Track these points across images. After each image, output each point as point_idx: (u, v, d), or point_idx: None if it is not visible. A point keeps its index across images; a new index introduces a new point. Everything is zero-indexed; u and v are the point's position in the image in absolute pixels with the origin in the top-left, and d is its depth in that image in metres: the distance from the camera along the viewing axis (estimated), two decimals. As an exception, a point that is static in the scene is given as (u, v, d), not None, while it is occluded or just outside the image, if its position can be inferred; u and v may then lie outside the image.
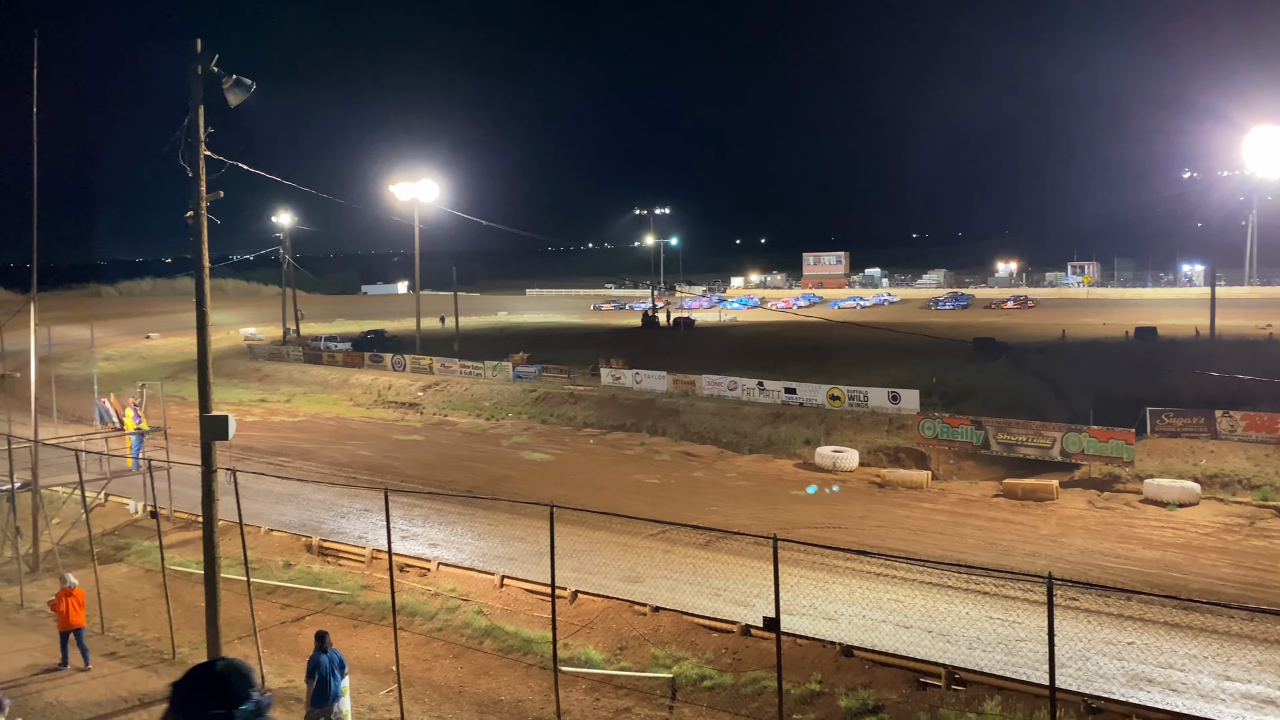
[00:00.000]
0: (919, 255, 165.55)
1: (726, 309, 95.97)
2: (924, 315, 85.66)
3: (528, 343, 58.44)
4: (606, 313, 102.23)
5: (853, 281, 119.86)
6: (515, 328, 79.51)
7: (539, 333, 72.35)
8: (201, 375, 15.66)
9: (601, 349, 52.80)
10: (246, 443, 31.79)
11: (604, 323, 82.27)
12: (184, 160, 14.58)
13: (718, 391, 39.38)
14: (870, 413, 34.27)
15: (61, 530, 22.47)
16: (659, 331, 71.88)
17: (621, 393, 41.61)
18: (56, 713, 14.25)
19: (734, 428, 35.62)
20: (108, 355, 59.96)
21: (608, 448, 35.41)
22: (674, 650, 15.89)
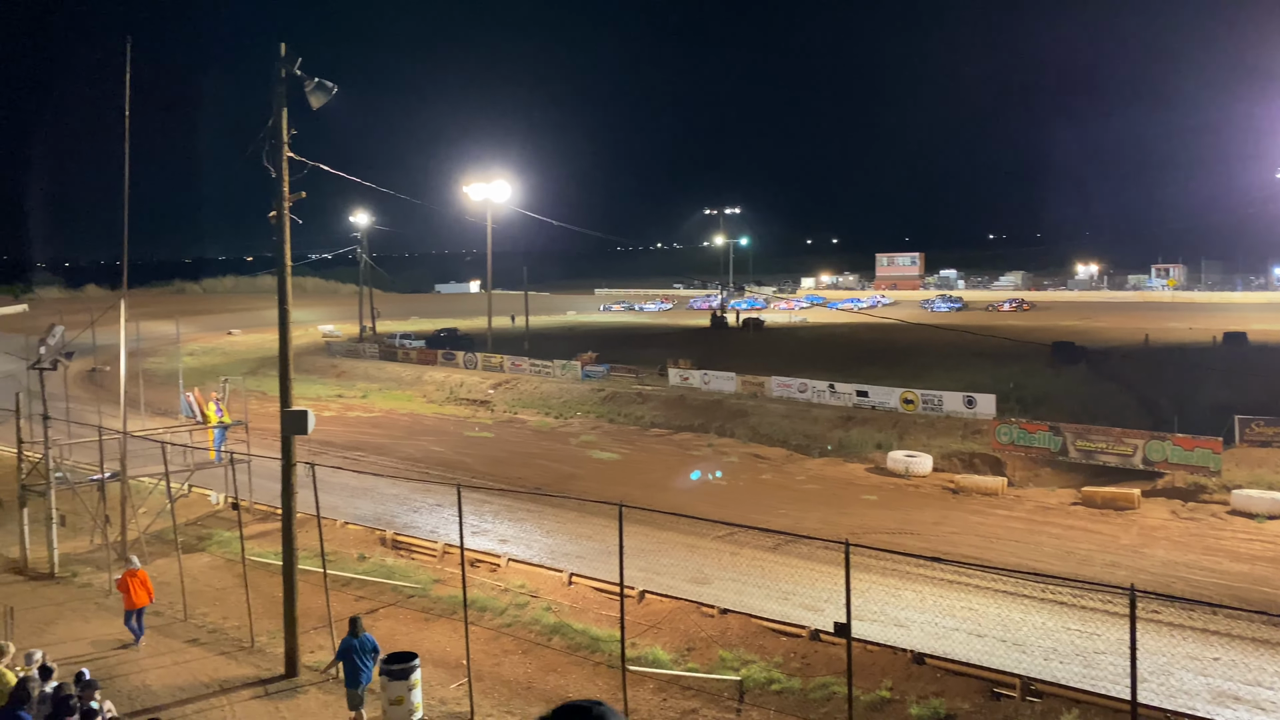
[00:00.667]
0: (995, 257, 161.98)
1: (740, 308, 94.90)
2: (919, 316, 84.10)
3: (596, 342, 58.71)
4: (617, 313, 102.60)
5: (927, 283, 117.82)
6: (584, 327, 80.00)
7: (607, 332, 72.60)
8: (283, 371, 16.08)
9: (669, 349, 52.84)
10: (324, 437, 32.55)
11: (672, 323, 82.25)
12: (268, 161, 15.00)
13: (787, 393, 39.09)
14: (944, 417, 33.69)
15: (147, 519, 23.28)
16: (727, 332, 71.58)
17: (689, 393, 41.56)
18: (143, 696, 14.74)
19: (804, 430, 35.32)
20: (192, 350, 61.89)
21: (675, 448, 35.39)
22: (742, 653, 15.83)
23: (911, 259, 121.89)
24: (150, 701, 14.40)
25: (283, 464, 15.94)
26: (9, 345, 41.18)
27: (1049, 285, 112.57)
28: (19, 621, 17.01)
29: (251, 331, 73.36)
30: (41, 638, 16.45)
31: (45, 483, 21.55)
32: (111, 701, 11.99)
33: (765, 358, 49.51)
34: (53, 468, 21.84)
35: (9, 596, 18.58)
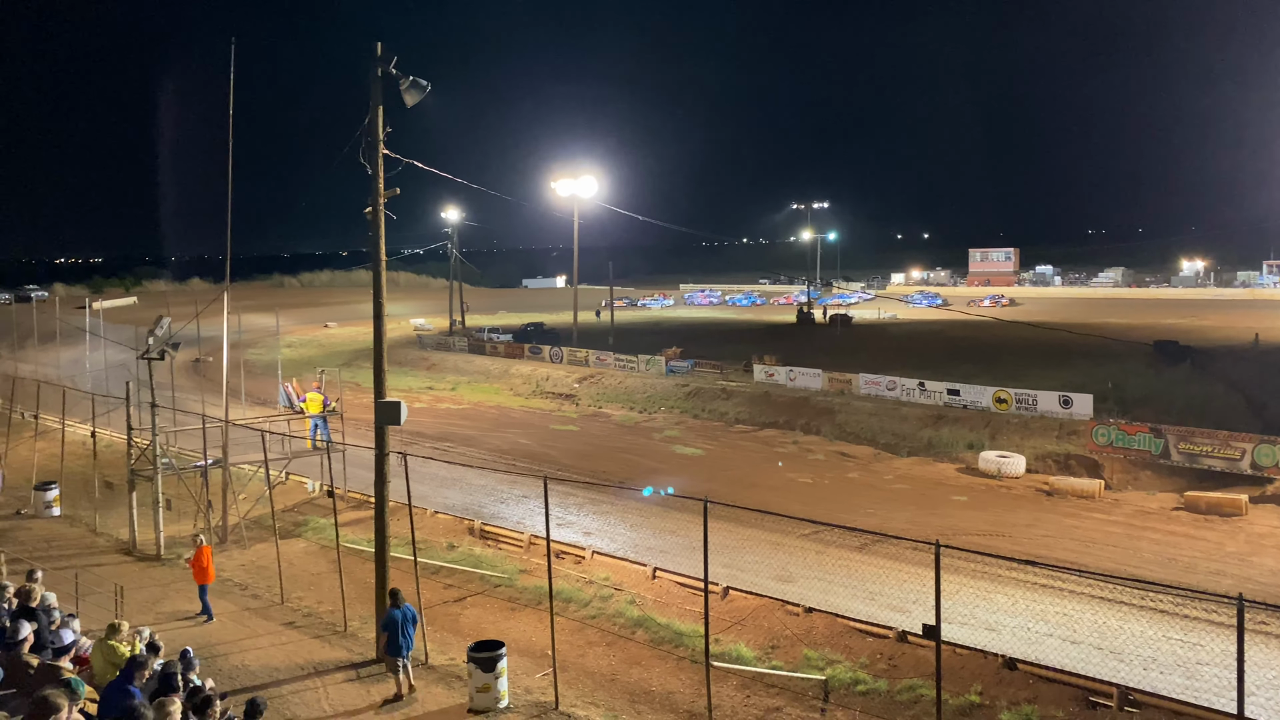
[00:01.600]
0: (1095, 252, 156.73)
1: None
2: (902, 311, 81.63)
3: (681, 337, 58.72)
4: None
5: (1022, 279, 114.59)
6: (669, 322, 80.00)
7: (692, 327, 72.55)
8: (377, 363, 16.48)
9: (754, 345, 52.55)
10: (414, 428, 33.24)
11: (758, 318, 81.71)
12: (364, 159, 15.37)
13: (875, 391, 38.49)
14: (1039, 417, 32.74)
15: (247, 505, 24.14)
16: (814, 328, 70.84)
17: (775, 390, 41.25)
18: (241, 675, 15.28)
19: (892, 429, 34.74)
20: (289, 343, 63.82)
21: (760, 445, 35.18)
22: (827, 652, 15.66)
23: (1006, 254, 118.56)
24: (248, 680, 14.92)
25: (377, 453, 16.33)
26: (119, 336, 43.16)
27: (1151, 282, 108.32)
28: (128, 600, 17.82)
29: (347, 324, 75.33)
30: (148, 616, 17.21)
31: (153, 468, 22.52)
32: (213, 679, 12.46)
33: (852, 355, 48.87)
34: (159, 454, 22.80)
35: (119, 576, 19.47)
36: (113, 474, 25.95)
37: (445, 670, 15.47)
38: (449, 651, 16.24)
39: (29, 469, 27.34)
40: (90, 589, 18.12)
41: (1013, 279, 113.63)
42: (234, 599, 19.26)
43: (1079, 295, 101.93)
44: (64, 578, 17.71)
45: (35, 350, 52.63)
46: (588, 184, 60.91)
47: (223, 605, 18.73)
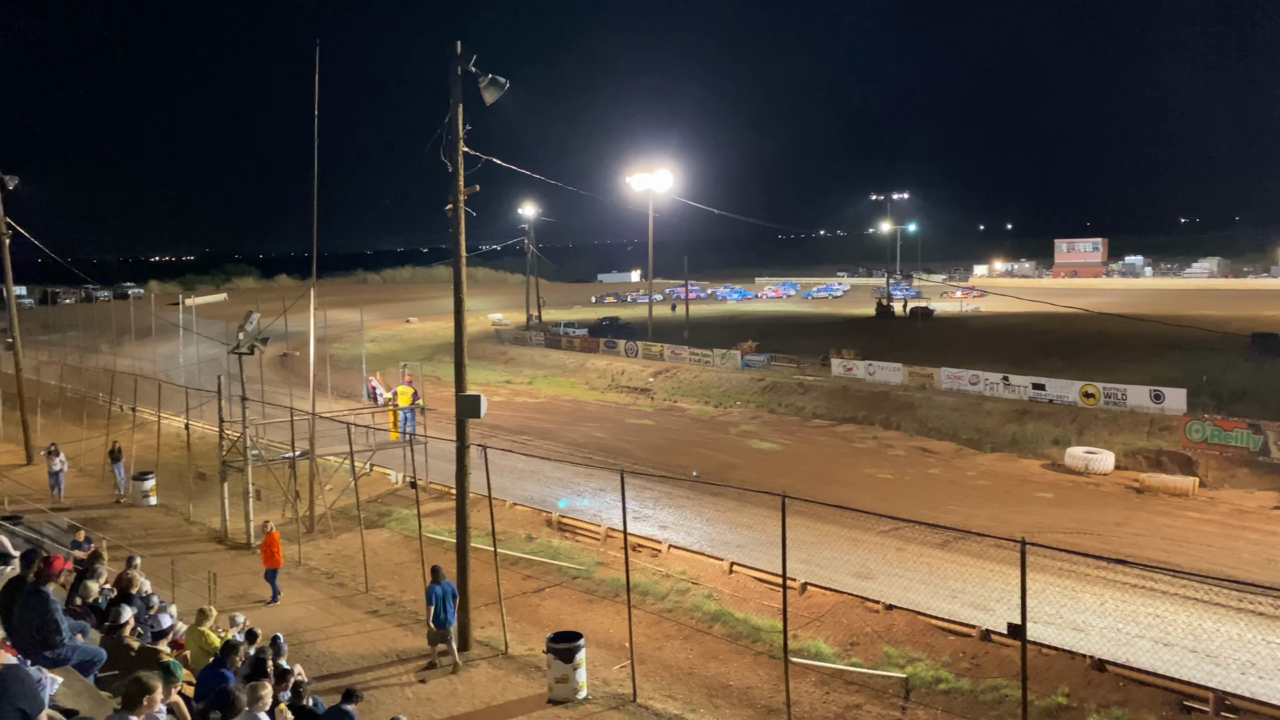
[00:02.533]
0: (1188, 242, 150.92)
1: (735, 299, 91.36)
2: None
3: (756, 331, 58.35)
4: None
5: (1111, 270, 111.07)
6: (744, 316, 79.56)
7: (768, 321, 72.03)
8: (458, 357, 16.74)
9: (832, 339, 51.95)
10: (493, 421, 33.69)
11: (835, 311, 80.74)
12: (444, 156, 15.60)
13: (957, 385, 37.72)
14: (1128, 412, 31.70)
15: (333, 496, 24.77)
16: (893, 321, 69.72)
17: (853, 384, 40.73)
18: (327, 661, 15.70)
19: (975, 424, 34.00)
20: (373, 337, 65.27)
21: (838, 440, 34.79)
22: (908, 650, 15.44)
23: (1094, 245, 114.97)
24: (334, 667, 15.32)
25: (458, 446, 16.59)
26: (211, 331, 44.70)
27: (1249, 272, 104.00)
28: (220, 586, 18.45)
29: (427, 319, 76.74)
30: (239, 602, 17.79)
31: (243, 459, 23.26)
32: (301, 665, 12.83)
33: (933, 348, 47.94)
34: (249, 445, 23.54)
35: (211, 564, 20.18)
36: (205, 465, 26.87)
37: (525, 660, 15.67)
38: (528, 642, 16.44)
39: (127, 460, 28.46)
40: (185, 575, 18.81)
41: (1100, 270, 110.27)
42: (320, 587, 19.79)
43: (1171, 286, 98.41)
44: (161, 564, 18.45)
45: (133, 345, 54.79)
46: (663, 178, 60.90)
47: (309, 593, 19.27)
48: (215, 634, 11.48)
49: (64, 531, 21.03)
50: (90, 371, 44.33)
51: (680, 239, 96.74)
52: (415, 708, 13.71)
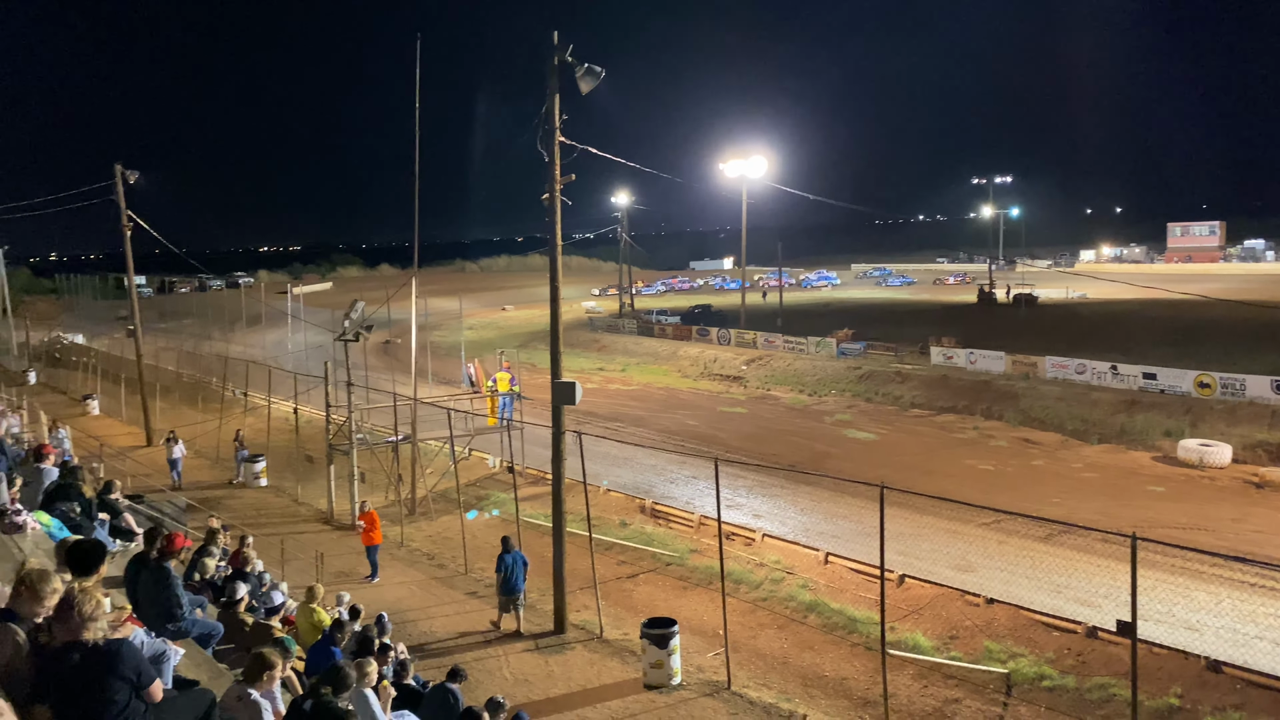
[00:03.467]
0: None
1: None
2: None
3: (852, 318, 57.45)
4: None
5: (1229, 255, 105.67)
6: (839, 303, 78.41)
7: (864, 308, 70.83)
8: (554, 344, 16.94)
9: (931, 326, 50.83)
10: (587, 408, 34.03)
11: (935, 298, 78.92)
12: (541, 146, 15.77)
13: (1063, 374, 36.52)
14: (1247, 403, 30.23)
15: (433, 479, 25.39)
16: (995, 308, 67.80)
17: (953, 373, 39.81)
18: (428, 640, 16.13)
19: (1081, 414, 32.89)
20: (470, 325, 66.52)
21: (936, 430, 34.08)
22: (1010, 645, 15.07)
23: (1210, 228, 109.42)
24: (436, 646, 15.73)
25: (553, 432, 16.81)
26: (317, 319, 46.15)
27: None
28: (327, 566, 19.11)
29: (523, 307, 77.80)
30: (345, 581, 18.39)
31: (348, 443, 24.01)
32: (403, 643, 13.21)
33: (1038, 336, 46.48)
34: (354, 429, 24.28)
35: (319, 543, 20.90)
36: (312, 448, 27.80)
37: (619, 645, 15.82)
38: (622, 626, 16.59)
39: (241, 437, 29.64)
40: (294, 554, 19.53)
41: (1218, 254, 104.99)
42: (422, 568, 20.32)
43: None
44: (271, 543, 19.20)
45: (243, 332, 57.01)
46: (757, 164, 60.34)
47: (411, 574, 19.81)
48: (324, 611, 11.90)
49: (182, 511, 22.05)
50: (204, 358, 46.30)
51: (774, 225, 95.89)
52: (513, 688, 13.98)
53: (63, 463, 12.79)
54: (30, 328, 65.08)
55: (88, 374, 46.53)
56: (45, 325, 69.15)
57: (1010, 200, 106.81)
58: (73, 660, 4.38)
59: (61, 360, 54.74)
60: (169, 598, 8.62)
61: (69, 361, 53.01)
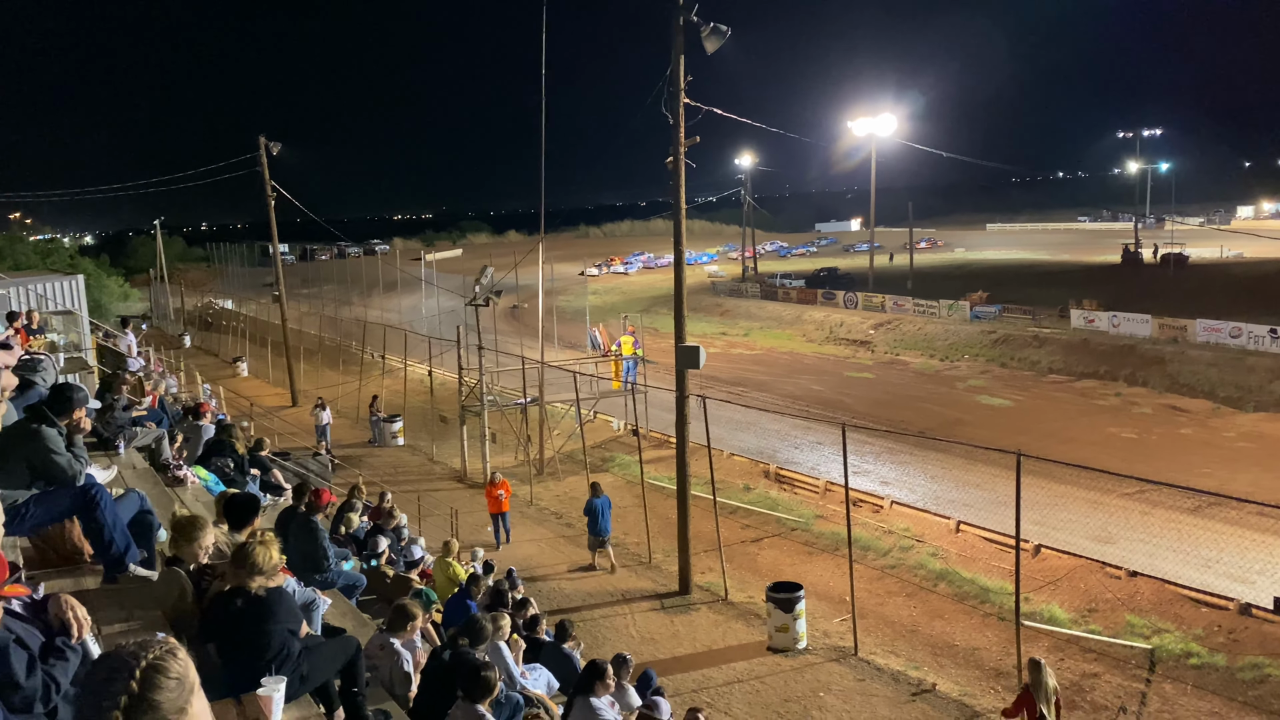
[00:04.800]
0: None
1: None
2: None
3: (987, 281, 55.44)
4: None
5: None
6: (973, 265, 75.77)
7: (999, 270, 68.21)
8: (678, 309, 16.98)
9: (1071, 288, 48.64)
10: (709, 373, 33.93)
11: (1075, 259, 75.36)
12: (665, 109, 15.70)
13: (1215, 338, 34.44)
14: None
15: (560, 441, 25.90)
16: (1141, 269, 64.29)
17: (1094, 336, 38.04)
18: (556, 597, 16.56)
19: (1235, 380, 30.99)
20: (594, 290, 67.25)
21: (1076, 396, 32.70)
22: (1154, 620, 14.45)
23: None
24: (563, 602, 16.14)
25: (677, 396, 16.89)
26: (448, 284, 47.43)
27: None
28: (461, 522, 19.80)
29: (644, 272, 78.13)
30: (477, 537, 19.03)
31: (479, 404, 24.71)
32: (534, 599, 13.61)
33: (1188, 298, 43.88)
34: (485, 392, 24.96)
35: (453, 500, 21.67)
36: (446, 409, 28.74)
37: (744, 607, 15.89)
38: (747, 590, 16.64)
39: (378, 404, 30.90)
40: (429, 511, 20.31)
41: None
42: (550, 526, 20.83)
43: None
44: (408, 500, 19.97)
45: (380, 297, 59.22)
46: (886, 122, 58.72)
47: (539, 532, 20.33)
48: (459, 566, 12.36)
49: (326, 468, 23.16)
50: (344, 322, 48.34)
51: (905, 184, 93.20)
52: (639, 646, 14.23)
53: (217, 421, 13.59)
54: (184, 294, 69.29)
55: (237, 338, 49.29)
56: (198, 292, 73.49)
57: (1159, 154, 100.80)
58: (235, 606, 4.69)
59: (213, 325, 58.10)
60: (316, 550, 9.09)
61: (220, 326, 56.24)
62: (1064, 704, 12.62)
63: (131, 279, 74.55)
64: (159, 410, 12.50)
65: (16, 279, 24.94)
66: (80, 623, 3.46)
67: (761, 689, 13.11)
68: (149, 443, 9.88)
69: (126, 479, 7.97)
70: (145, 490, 6.68)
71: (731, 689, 13.10)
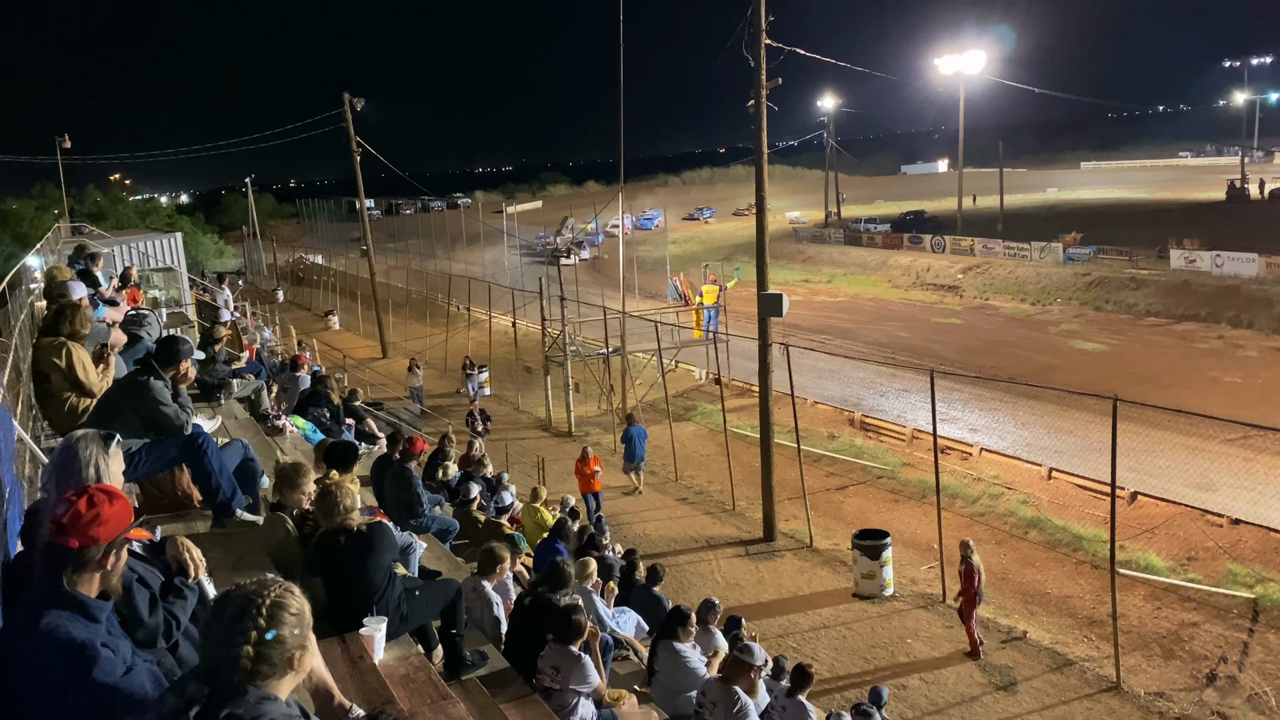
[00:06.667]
0: None
1: None
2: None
3: (1081, 221, 53.45)
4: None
5: None
6: (1066, 205, 73.02)
7: (1094, 210, 65.63)
8: (760, 256, 16.83)
9: (1171, 227, 46.52)
10: (792, 321, 33.57)
11: (1175, 197, 72.09)
12: (746, 51, 15.43)
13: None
14: None
15: (642, 390, 26.06)
16: (1248, 206, 61.13)
17: (1195, 277, 36.47)
18: (643, 543, 16.75)
19: (1349, 321, 29.47)
20: (674, 239, 66.95)
21: (1175, 339, 31.50)
22: (1257, 569, 14.01)
23: None
24: (649, 548, 16.34)
25: (760, 344, 16.82)
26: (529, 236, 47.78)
27: None
28: (547, 470, 20.15)
29: (725, 220, 77.39)
30: (565, 484, 19.35)
31: (563, 354, 24.98)
32: (619, 544, 13.83)
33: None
34: (568, 342, 25.20)
35: (539, 448, 22.04)
36: (530, 359, 29.14)
37: (829, 554, 15.90)
38: (832, 537, 16.64)
39: (464, 355, 31.50)
40: (516, 458, 20.71)
41: None
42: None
43: None
44: (496, 448, 20.40)
45: (464, 251, 59.93)
46: (974, 59, 56.66)
47: (623, 480, 20.56)
48: (547, 511, 12.60)
49: (417, 417, 23.74)
50: (430, 275, 49.13)
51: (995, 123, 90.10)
52: (724, 591, 14.37)
53: (313, 372, 14.03)
54: (276, 250, 71.22)
55: (328, 292, 50.58)
56: (289, 247, 75.40)
57: (1269, 83, 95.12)
58: (340, 542, 4.89)
59: (304, 279, 59.69)
60: (411, 496, 9.36)
61: (311, 280, 57.75)
62: (1162, 653, 12.40)
63: (225, 236, 76.83)
64: (256, 363, 12.96)
65: (120, 237, 25.96)
66: (197, 563, 3.64)
67: (848, 634, 13.15)
68: (248, 394, 10.26)
69: (229, 429, 8.30)
70: (247, 440, 6.95)
71: (817, 634, 13.17)
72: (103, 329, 7.26)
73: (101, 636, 2.69)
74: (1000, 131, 74.16)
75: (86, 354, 6.24)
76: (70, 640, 2.63)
